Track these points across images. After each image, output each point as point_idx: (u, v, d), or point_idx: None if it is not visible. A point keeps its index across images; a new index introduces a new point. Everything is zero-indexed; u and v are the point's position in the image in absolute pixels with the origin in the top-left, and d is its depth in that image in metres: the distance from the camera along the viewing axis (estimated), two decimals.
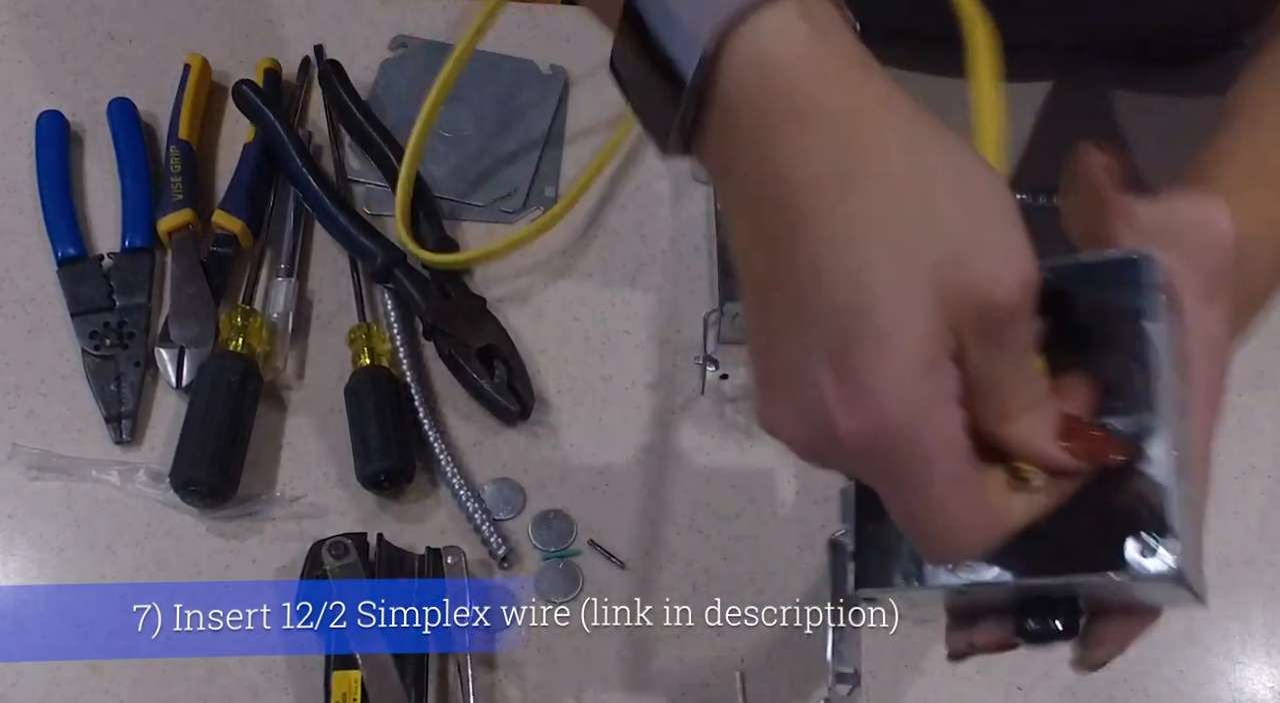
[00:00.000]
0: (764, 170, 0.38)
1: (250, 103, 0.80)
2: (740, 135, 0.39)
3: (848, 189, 0.37)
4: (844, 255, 0.37)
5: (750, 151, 0.39)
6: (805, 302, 0.38)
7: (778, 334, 0.39)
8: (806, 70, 0.38)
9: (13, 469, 0.71)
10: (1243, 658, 0.66)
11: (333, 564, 0.64)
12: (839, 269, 0.37)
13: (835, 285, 0.37)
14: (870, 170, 0.37)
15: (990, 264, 0.37)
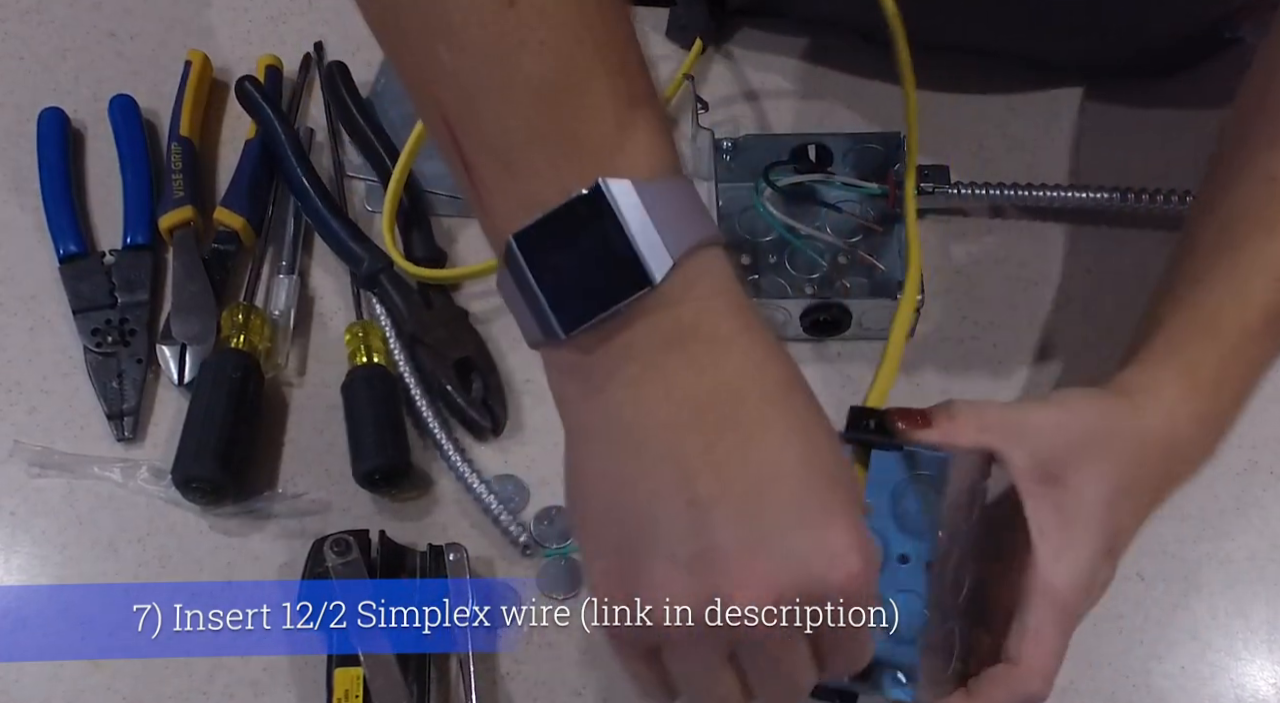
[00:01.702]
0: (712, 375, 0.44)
1: (251, 100, 0.80)
2: (695, 334, 0.44)
3: (793, 382, 0.46)
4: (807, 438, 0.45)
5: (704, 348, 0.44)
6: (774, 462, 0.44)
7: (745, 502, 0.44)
8: (745, 298, 0.46)
9: (14, 466, 0.71)
10: (1244, 654, 0.66)
11: (335, 561, 0.64)
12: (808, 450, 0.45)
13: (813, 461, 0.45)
14: (800, 379, 0.46)
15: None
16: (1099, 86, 0.84)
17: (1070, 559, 0.55)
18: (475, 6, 0.42)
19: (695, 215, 0.45)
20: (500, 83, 0.43)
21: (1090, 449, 0.56)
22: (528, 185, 0.44)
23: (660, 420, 0.44)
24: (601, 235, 0.43)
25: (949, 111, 0.83)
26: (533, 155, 0.43)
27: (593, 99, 0.43)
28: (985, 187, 0.77)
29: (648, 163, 0.44)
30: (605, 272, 0.43)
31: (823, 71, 0.85)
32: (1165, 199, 0.76)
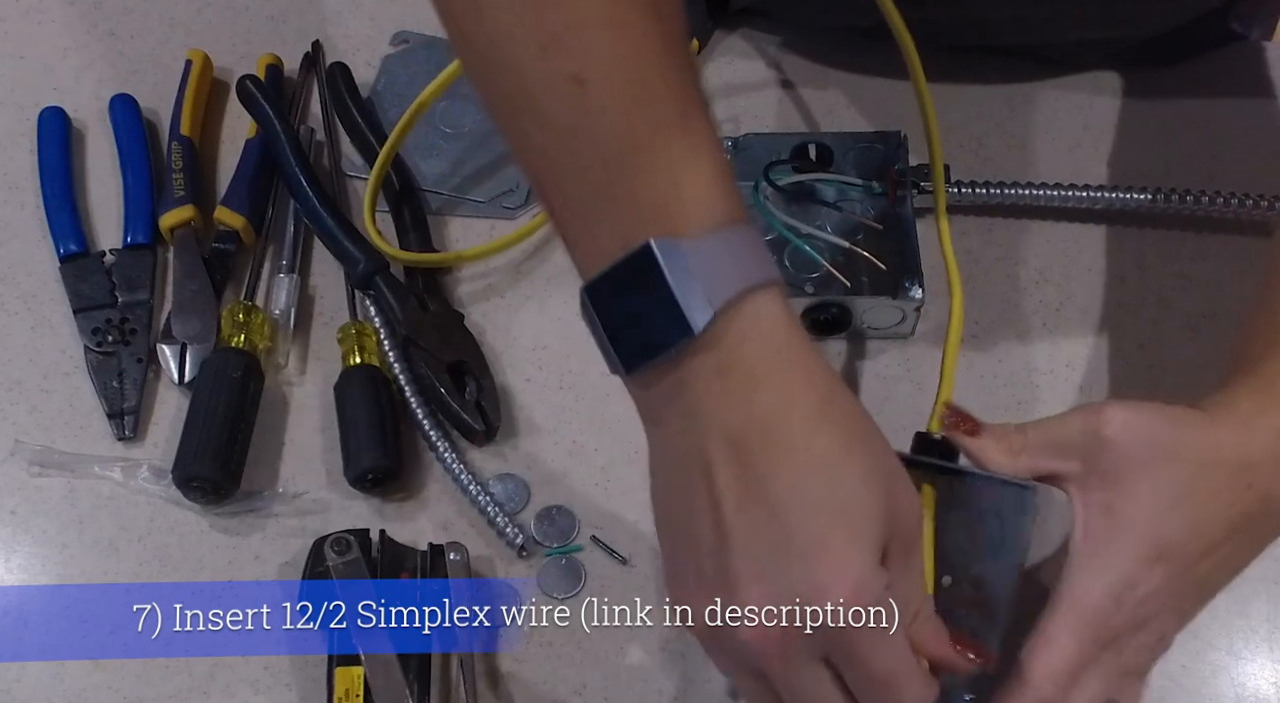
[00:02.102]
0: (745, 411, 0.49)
1: (252, 99, 0.80)
2: (734, 374, 0.48)
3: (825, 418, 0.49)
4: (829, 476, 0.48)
5: (735, 391, 0.48)
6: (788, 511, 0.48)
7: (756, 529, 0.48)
8: (793, 338, 0.49)
9: (15, 466, 0.71)
10: (1245, 653, 0.66)
11: (335, 561, 0.64)
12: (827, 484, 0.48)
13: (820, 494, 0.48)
14: (836, 415, 0.50)
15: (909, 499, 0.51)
16: (1099, 85, 0.84)
17: (1100, 566, 0.54)
18: (553, 87, 0.48)
19: (745, 265, 0.49)
20: (574, 153, 0.49)
21: (1153, 457, 0.55)
22: (597, 242, 0.49)
23: (701, 450, 0.49)
24: (651, 288, 0.48)
25: (948, 110, 0.82)
26: (601, 215, 0.49)
27: (653, 162, 0.48)
28: (985, 186, 0.77)
29: (700, 217, 0.48)
30: (655, 320, 0.48)
31: (823, 70, 0.85)
32: (1166, 197, 0.76)
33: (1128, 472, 0.55)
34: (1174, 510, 0.54)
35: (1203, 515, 0.54)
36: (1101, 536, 0.54)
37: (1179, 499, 0.54)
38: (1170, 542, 0.54)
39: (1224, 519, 0.54)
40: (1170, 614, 0.55)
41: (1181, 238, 0.78)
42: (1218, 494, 0.54)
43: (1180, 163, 0.80)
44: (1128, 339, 0.75)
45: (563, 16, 0.48)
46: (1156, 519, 0.54)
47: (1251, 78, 0.84)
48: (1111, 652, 0.54)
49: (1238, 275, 0.76)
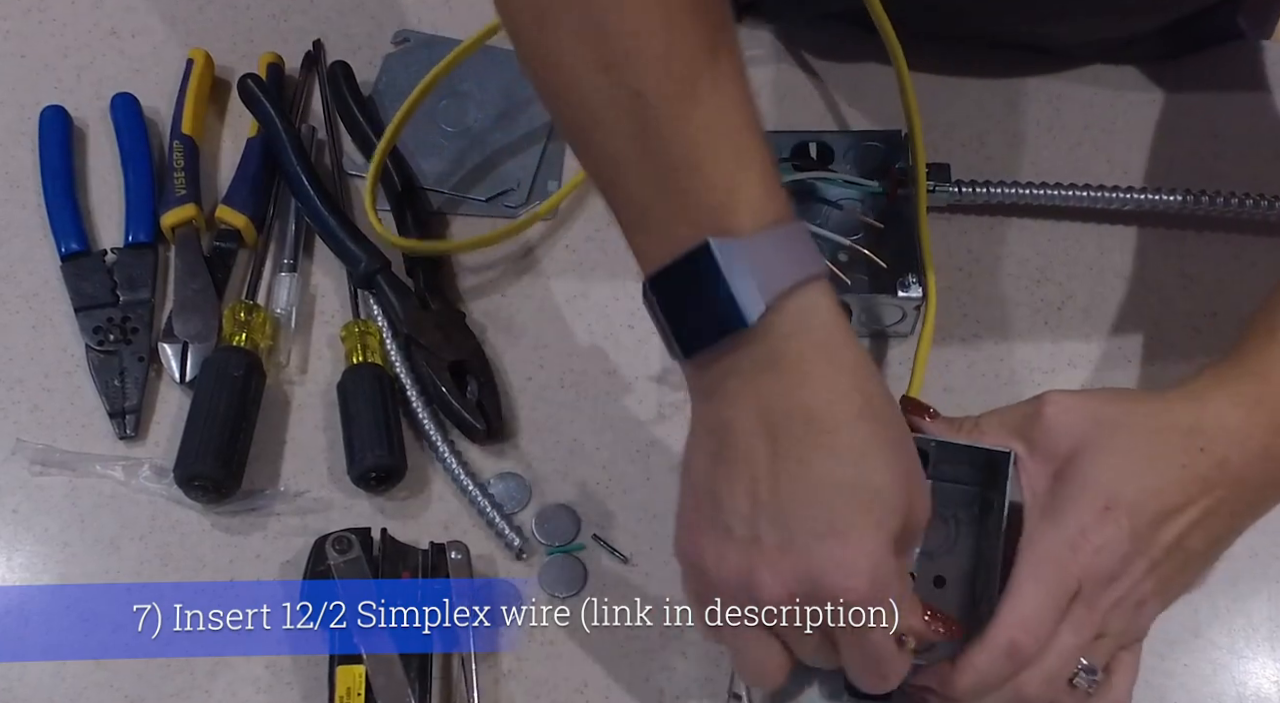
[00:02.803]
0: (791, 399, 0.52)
1: (253, 98, 0.80)
2: (782, 363, 0.52)
3: (864, 412, 0.52)
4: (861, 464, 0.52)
5: (787, 375, 0.52)
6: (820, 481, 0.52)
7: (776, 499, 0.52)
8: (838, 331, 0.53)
9: (17, 465, 0.71)
10: (1247, 652, 0.66)
11: (336, 560, 0.64)
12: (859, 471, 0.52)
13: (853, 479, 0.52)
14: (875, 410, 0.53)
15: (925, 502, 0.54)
16: (1101, 84, 0.84)
17: (1052, 518, 0.56)
18: (615, 103, 0.53)
19: (794, 260, 0.53)
20: (637, 162, 0.54)
21: (1097, 430, 0.57)
22: (658, 239, 0.54)
23: (745, 429, 0.53)
24: (709, 283, 0.52)
25: (950, 108, 0.83)
26: (661, 216, 0.54)
27: (709, 169, 0.53)
28: (986, 185, 0.77)
29: (752, 218, 0.52)
30: (712, 312, 0.52)
31: (824, 68, 0.85)
32: (1167, 196, 0.76)
33: (1072, 444, 0.57)
34: (1121, 469, 0.56)
35: (1155, 477, 0.56)
36: (1053, 496, 0.57)
37: (1126, 460, 0.57)
38: (1119, 495, 0.56)
39: (1178, 481, 0.56)
40: (1146, 579, 0.56)
41: (1183, 237, 0.78)
42: (1168, 457, 0.57)
43: (1182, 162, 0.80)
44: (1129, 338, 0.75)
45: (623, 38, 0.53)
46: (1104, 476, 0.56)
47: (1253, 77, 0.84)
48: (1082, 606, 0.55)
49: (1239, 274, 0.76)
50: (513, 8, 0.57)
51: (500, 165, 0.81)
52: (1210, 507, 0.56)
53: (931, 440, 0.62)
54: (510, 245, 0.78)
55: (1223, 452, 0.56)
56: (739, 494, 0.53)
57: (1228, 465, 0.56)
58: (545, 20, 0.55)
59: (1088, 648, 0.56)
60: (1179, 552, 0.56)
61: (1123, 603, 0.56)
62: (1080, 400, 0.59)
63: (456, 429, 0.72)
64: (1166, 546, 0.56)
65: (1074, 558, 0.55)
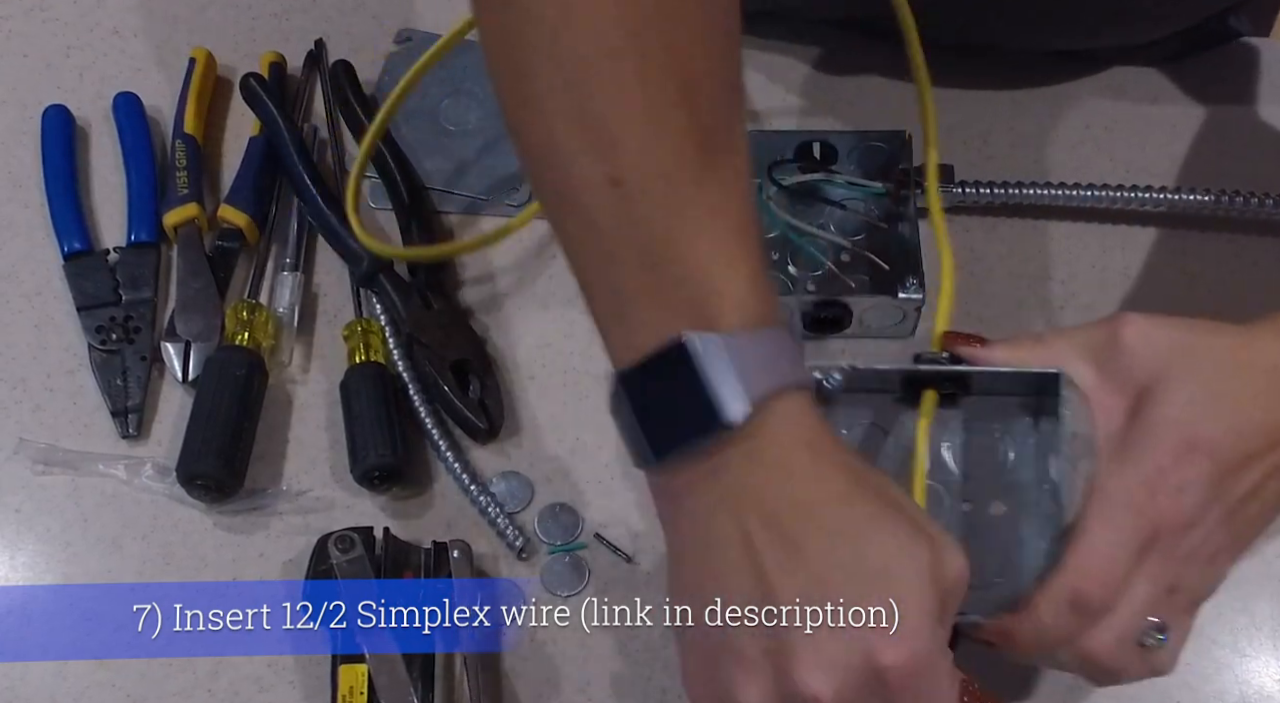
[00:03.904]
0: (783, 494, 0.49)
1: (255, 97, 0.80)
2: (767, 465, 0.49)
3: (842, 531, 0.49)
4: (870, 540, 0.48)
5: (772, 478, 0.49)
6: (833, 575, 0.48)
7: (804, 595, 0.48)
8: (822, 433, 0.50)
9: (19, 464, 0.71)
10: (1249, 651, 0.66)
11: (339, 559, 0.64)
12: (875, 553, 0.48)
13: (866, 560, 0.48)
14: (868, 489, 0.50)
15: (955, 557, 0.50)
16: (1103, 84, 0.84)
17: (1131, 457, 0.52)
18: (595, 189, 0.50)
19: (777, 363, 0.50)
20: (614, 251, 0.50)
21: (1176, 360, 0.53)
22: (633, 334, 0.50)
23: (738, 527, 0.49)
24: (688, 381, 0.48)
25: (952, 109, 0.83)
26: (638, 310, 0.50)
27: (691, 264, 0.49)
28: (990, 185, 0.77)
29: (738, 316, 0.49)
30: (691, 411, 0.49)
31: (828, 68, 0.85)
32: (1169, 195, 0.76)
33: (1150, 374, 0.53)
34: (1205, 406, 0.52)
35: (1238, 416, 0.52)
36: (1128, 433, 0.53)
37: (1209, 396, 0.52)
38: (1202, 436, 0.52)
39: (1261, 424, 0.53)
40: (1221, 527, 0.53)
41: (1186, 236, 0.78)
42: (1251, 398, 0.53)
43: (1184, 161, 0.80)
44: None
45: (607, 123, 0.49)
46: (1185, 413, 0.52)
47: (1254, 77, 0.84)
48: (1158, 555, 0.52)
49: (1242, 274, 0.76)
50: (493, 67, 0.52)
51: (502, 165, 0.81)
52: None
53: (973, 371, 0.57)
54: (512, 245, 0.78)
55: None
56: (748, 592, 0.49)
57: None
58: (522, 85, 0.51)
59: (1159, 604, 0.52)
60: (1254, 501, 0.53)
61: (1197, 554, 0.52)
62: (1159, 326, 0.54)
63: (459, 428, 0.72)
64: (1243, 494, 0.52)
65: (1151, 501, 0.51)
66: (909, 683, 0.47)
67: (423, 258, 0.76)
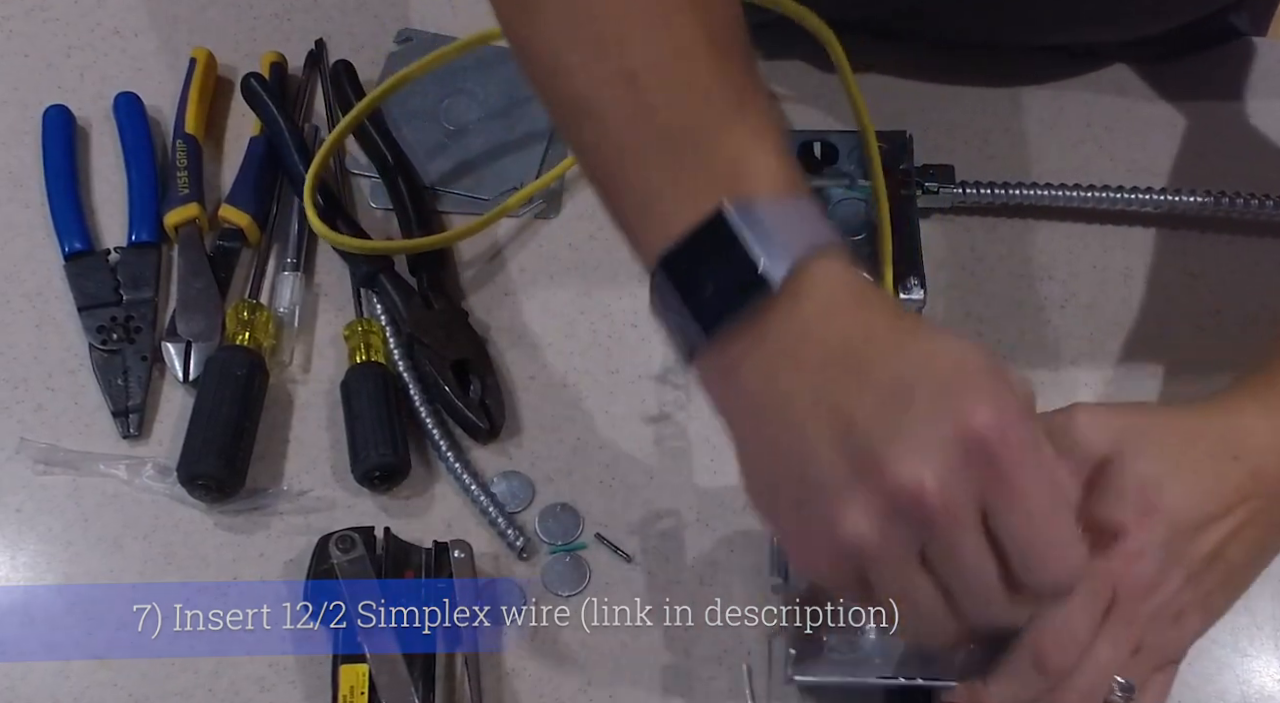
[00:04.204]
0: (836, 333, 0.48)
1: (256, 97, 0.80)
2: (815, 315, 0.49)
3: (903, 344, 0.48)
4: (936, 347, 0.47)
5: (821, 323, 0.49)
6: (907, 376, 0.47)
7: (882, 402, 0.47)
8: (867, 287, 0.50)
9: (20, 464, 0.71)
10: (1250, 651, 0.66)
11: (340, 559, 0.64)
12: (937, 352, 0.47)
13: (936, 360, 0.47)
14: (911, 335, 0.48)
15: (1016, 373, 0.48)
16: (1104, 84, 0.84)
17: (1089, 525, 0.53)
18: (609, 86, 0.51)
19: (810, 226, 0.50)
20: (635, 145, 0.51)
21: (1133, 438, 0.55)
22: (666, 221, 0.50)
23: (801, 383, 0.48)
24: (728, 248, 0.49)
25: (953, 109, 0.83)
26: (667, 200, 0.51)
27: (715, 141, 0.50)
28: (990, 185, 0.77)
29: (770, 184, 0.50)
30: (736, 278, 0.49)
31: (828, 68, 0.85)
32: (1171, 196, 0.76)
33: (1103, 453, 0.54)
34: (1156, 475, 0.54)
35: (1191, 484, 0.54)
36: (1085, 503, 0.53)
37: (1161, 467, 0.54)
38: (1156, 501, 0.53)
39: (1214, 490, 0.54)
40: (1184, 589, 0.54)
41: (1186, 236, 0.78)
42: (1202, 465, 0.55)
43: (1184, 162, 0.80)
44: (1133, 338, 0.75)
45: (612, 22, 0.51)
46: (1140, 482, 0.54)
47: (1255, 76, 0.84)
48: (1119, 617, 0.53)
49: (1243, 274, 0.76)
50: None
51: (503, 164, 0.81)
52: (1247, 517, 0.55)
53: None
54: (513, 244, 0.78)
55: (1256, 460, 0.55)
56: (826, 435, 0.47)
57: (1263, 475, 0.55)
58: (528, 5, 0.53)
59: (1124, 664, 0.54)
60: (1218, 563, 0.55)
61: (1161, 615, 0.54)
62: (1110, 411, 0.57)
63: (459, 428, 0.72)
64: (1205, 556, 0.54)
65: (1109, 566, 0.53)
66: (1011, 444, 0.45)
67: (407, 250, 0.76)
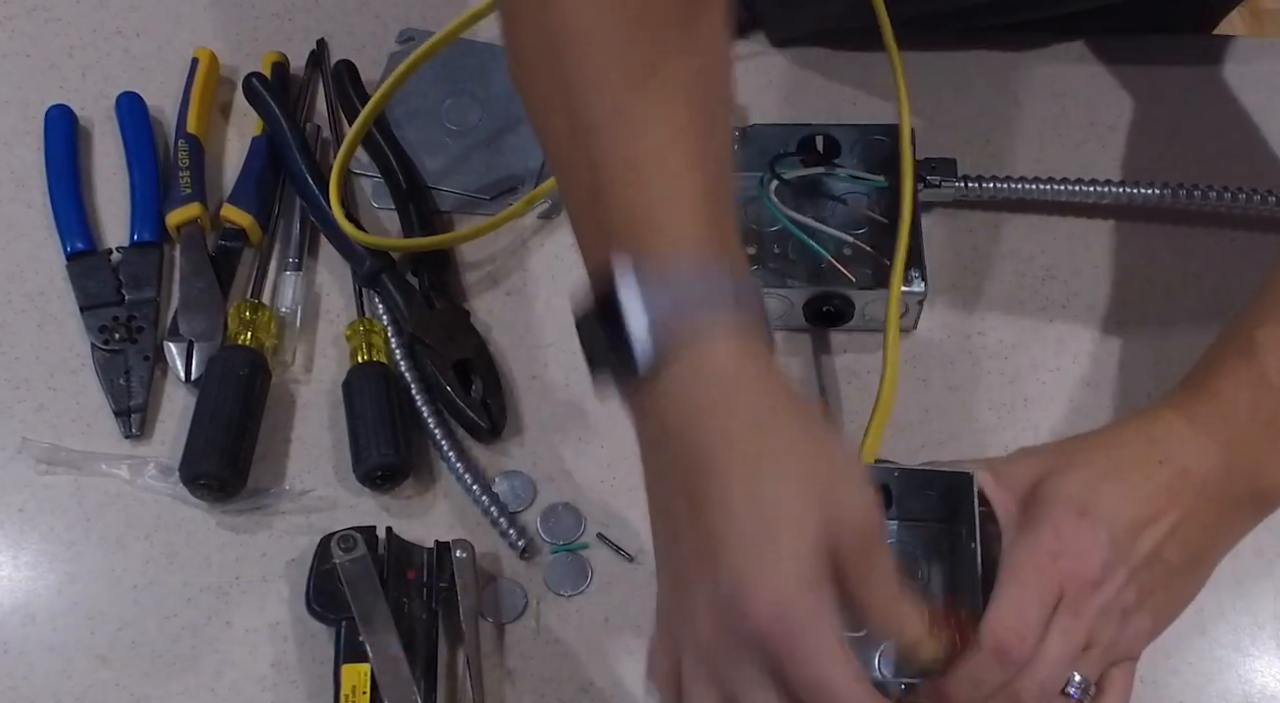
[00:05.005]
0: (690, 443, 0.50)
1: (258, 97, 0.80)
2: (672, 415, 0.50)
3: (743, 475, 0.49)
4: (753, 499, 0.49)
5: (680, 427, 0.50)
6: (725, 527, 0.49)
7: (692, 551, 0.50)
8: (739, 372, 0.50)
9: (22, 463, 0.71)
10: (1252, 650, 0.66)
11: (342, 558, 0.64)
12: (751, 506, 0.49)
13: (745, 517, 0.49)
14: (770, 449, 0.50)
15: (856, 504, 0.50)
16: (1107, 81, 0.84)
17: (1028, 528, 0.56)
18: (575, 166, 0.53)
19: (707, 288, 0.50)
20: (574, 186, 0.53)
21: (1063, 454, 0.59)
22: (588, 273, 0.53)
23: (660, 481, 0.52)
24: (609, 326, 0.51)
25: (955, 104, 0.82)
26: (584, 250, 0.54)
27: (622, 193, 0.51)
28: (992, 180, 0.77)
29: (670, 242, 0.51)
30: (614, 355, 0.51)
31: (832, 61, 0.85)
32: (1173, 192, 0.76)
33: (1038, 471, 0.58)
34: (1089, 481, 0.57)
35: (1122, 487, 0.57)
36: (1026, 513, 0.57)
37: (1092, 474, 0.57)
38: (1091, 503, 0.56)
39: (1144, 492, 0.57)
40: (1128, 587, 0.56)
41: (1189, 233, 0.78)
42: (1130, 469, 0.57)
43: (1188, 158, 0.80)
44: (1134, 335, 0.75)
45: (585, 115, 0.52)
46: (1073, 488, 0.57)
47: (1259, 74, 0.84)
48: (1067, 612, 0.55)
49: (1245, 271, 0.76)
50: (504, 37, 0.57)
51: (504, 164, 0.81)
52: (1181, 517, 0.57)
53: (894, 469, 0.62)
54: (514, 244, 0.78)
55: (1180, 462, 0.57)
56: (664, 537, 0.53)
57: (1189, 476, 0.57)
58: (523, 62, 0.55)
59: (1078, 660, 0.56)
60: (1158, 562, 0.57)
61: (1108, 611, 0.56)
62: (1045, 445, 0.61)
63: (461, 428, 0.72)
64: (1145, 554, 0.56)
65: (1053, 563, 0.55)
66: (775, 635, 0.47)
67: (416, 248, 0.76)
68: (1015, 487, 0.59)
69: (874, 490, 0.51)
